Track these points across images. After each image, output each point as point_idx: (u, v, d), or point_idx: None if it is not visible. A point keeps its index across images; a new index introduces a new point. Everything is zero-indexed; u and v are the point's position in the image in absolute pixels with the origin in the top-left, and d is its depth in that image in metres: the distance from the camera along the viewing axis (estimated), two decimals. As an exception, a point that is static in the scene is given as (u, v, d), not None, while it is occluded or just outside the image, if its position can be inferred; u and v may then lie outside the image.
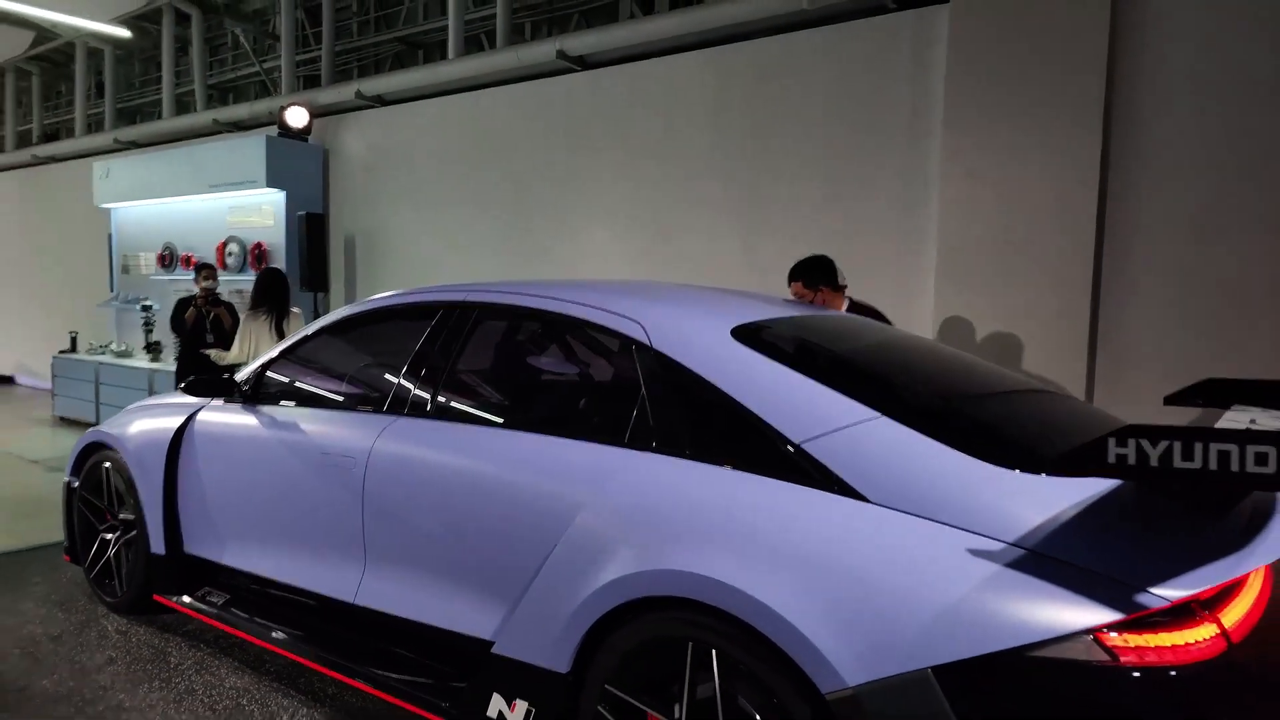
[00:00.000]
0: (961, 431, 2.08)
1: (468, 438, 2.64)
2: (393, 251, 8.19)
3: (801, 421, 2.09)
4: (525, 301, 2.76)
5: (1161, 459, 1.54)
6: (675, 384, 2.31)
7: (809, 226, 5.66)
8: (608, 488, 2.24)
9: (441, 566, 2.62)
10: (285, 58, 9.14)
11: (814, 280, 4.09)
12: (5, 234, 13.40)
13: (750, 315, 2.56)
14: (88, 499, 3.84)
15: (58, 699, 2.93)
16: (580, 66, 6.83)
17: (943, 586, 1.74)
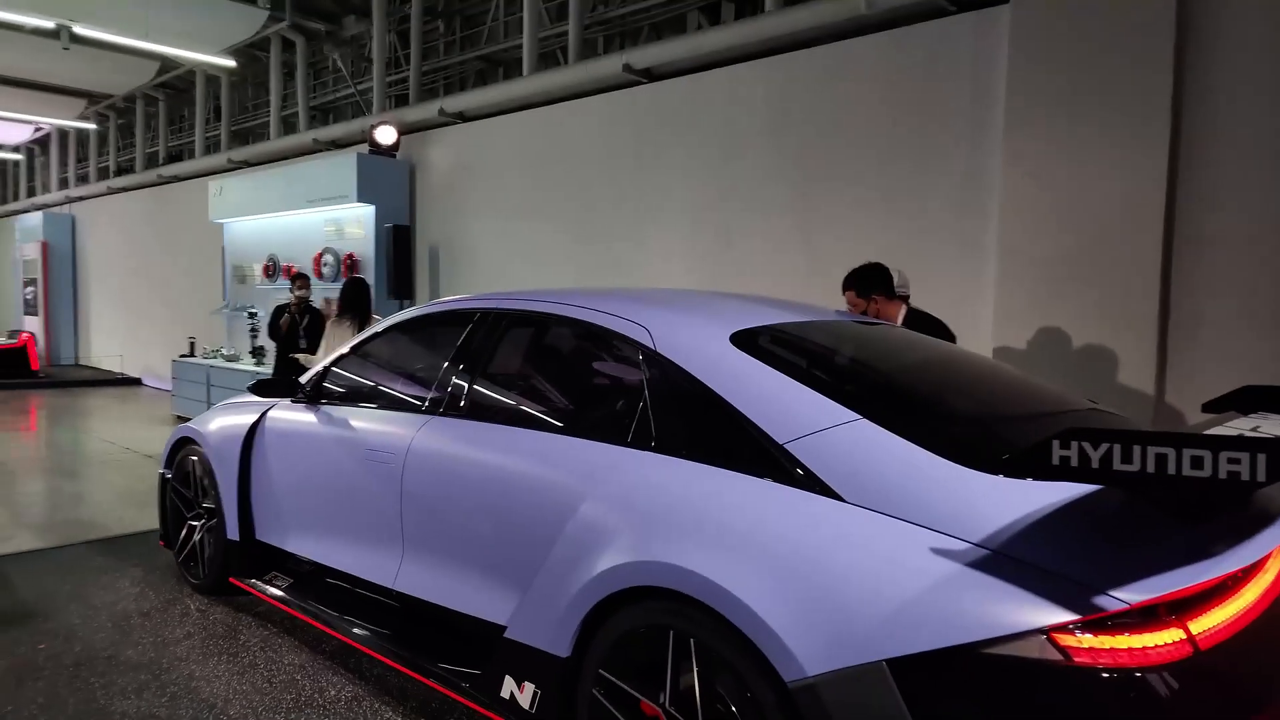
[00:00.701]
0: (938, 434, 2.12)
1: (490, 436, 2.82)
2: (472, 261, 8.55)
3: (786, 423, 2.17)
4: (543, 308, 2.93)
5: (1102, 461, 1.57)
6: (675, 386, 2.42)
7: (870, 231, 5.64)
8: (607, 484, 2.38)
9: (465, 555, 2.80)
10: (377, 78, 9.67)
11: (866, 289, 4.03)
12: (136, 248, 14.59)
13: (753, 321, 2.65)
14: (177, 489, 4.22)
15: (139, 666, 3.27)
16: (646, 79, 7.00)
17: (904, 583, 1.79)
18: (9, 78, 12.48)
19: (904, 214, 5.51)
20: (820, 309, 3.33)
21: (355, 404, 3.46)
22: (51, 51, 10.16)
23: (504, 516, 2.66)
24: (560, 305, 2.87)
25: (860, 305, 4.04)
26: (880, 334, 3.09)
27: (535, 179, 7.86)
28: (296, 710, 2.96)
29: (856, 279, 4.09)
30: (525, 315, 3.02)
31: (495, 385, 2.99)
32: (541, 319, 2.98)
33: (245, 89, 12.80)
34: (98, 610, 3.84)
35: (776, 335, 2.65)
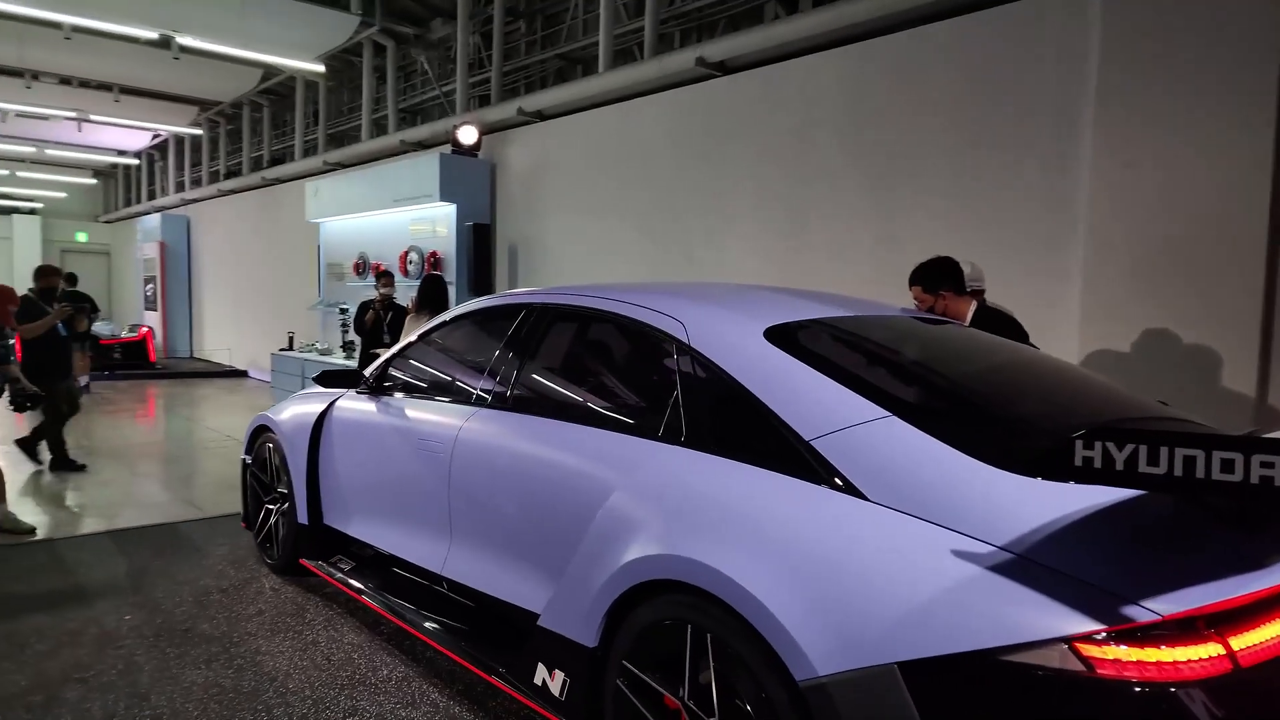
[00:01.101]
0: (975, 434, 2.04)
1: (529, 428, 2.87)
2: (549, 257, 8.67)
3: (813, 419, 2.13)
4: (584, 303, 2.96)
5: (1127, 463, 1.48)
6: (707, 380, 2.41)
7: (949, 225, 5.46)
8: (635, 477, 2.38)
9: (505, 543, 2.86)
10: (460, 79, 9.91)
11: (934, 284, 3.84)
12: (243, 247, 15.41)
13: (792, 316, 2.60)
14: (256, 474, 4.45)
15: (212, 639, 3.46)
16: (720, 72, 6.95)
17: (921, 586, 1.74)
18: (130, 87, 13.37)
19: (985, 207, 5.30)
20: (879, 305, 3.24)
21: (412, 395, 3.57)
22: (164, 62, 10.84)
23: (540, 507, 2.70)
24: (600, 300, 2.89)
25: (927, 301, 3.87)
26: (933, 331, 2.99)
27: (610, 176, 7.92)
28: (350, 687, 3.08)
29: (923, 273, 3.92)
30: (567, 310, 3.05)
31: (536, 378, 3.03)
32: (582, 313, 3.00)
33: (342, 93, 13.33)
34: (181, 585, 4.08)
35: (815, 330, 2.59)
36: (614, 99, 7.87)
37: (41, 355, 6.55)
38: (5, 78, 12.31)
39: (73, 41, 9.82)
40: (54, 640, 3.42)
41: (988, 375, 2.57)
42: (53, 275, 6.92)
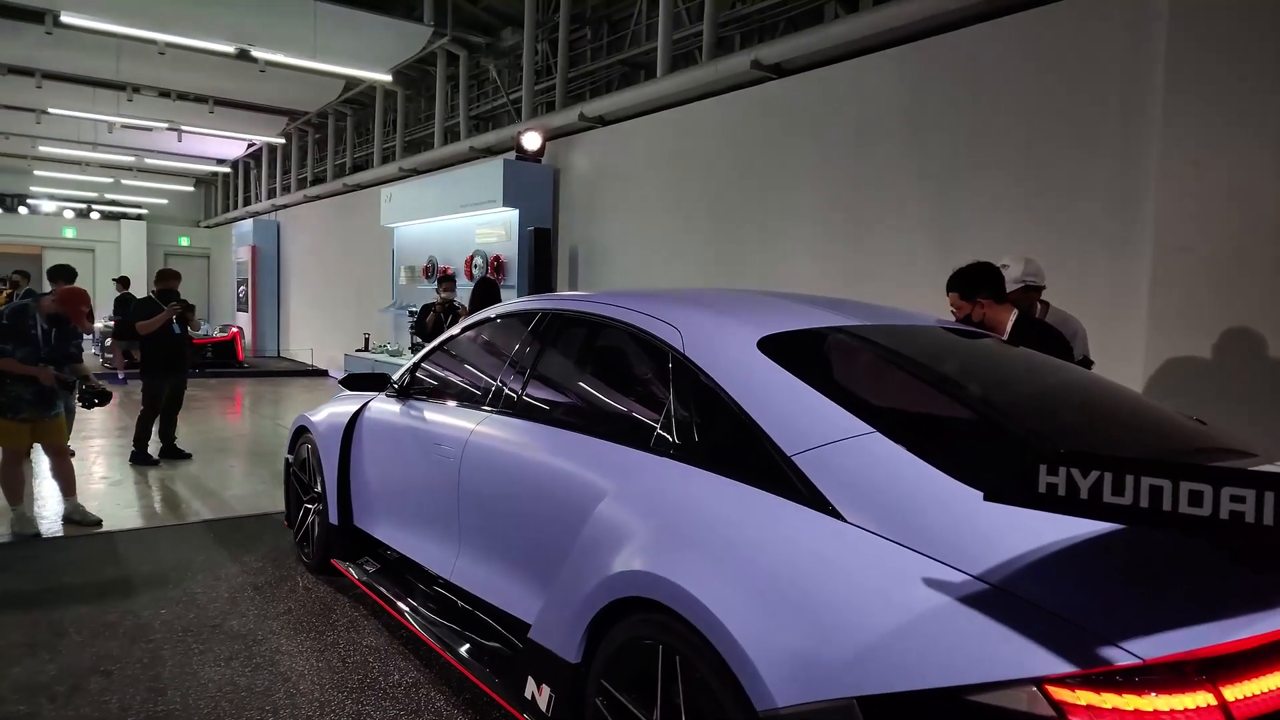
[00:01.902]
0: (965, 455, 1.89)
1: (530, 435, 2.83)
2: (608, 261, 8.67)
3: (796, 434, 2.02)
4: (589, 309, 2.90)
5: (1091, 492, 1.33)
6: (697, 390, 2.32)
7: (1010, 228, 5.20)
8: (623, 490, 2.31)
9: (505, 551, 2.83)
10: (526, 86, 10.02)
11: (972, 290, 3.61)
12: (325, 251, 15.97)
13: (793, 324, 2.49)
14: (296, 474, 4.55)
15: (237, 637, 3.54)
16: (776, 74, 6.82)
17: (888, 615, 1.61)
18: (223, 99, 14.03)
19: (1047, 209, 5.02)
20: (909, 314, 3.07)
21: (434, 399, 3.58)
22: (252, 75, 11.33)
23: (535, 516, 2.66)
24: (603, 306, 2.83)
25: (964, 309, 3.64)
26: (951, 343, 2.81)
27: (668, 180, 7.86)
28: (359, 691, 3.09)
29: (961, 279, 3.68)
30: (573, 316, 3.00)
31: (541, 385, 2.99)
32: (588, 320, 2.94)
33: (419, 102, 13.67)
34: (220, 581, 4.20)
35: (816, 340, 2.47)
36: (672, 103, 7.82)
37: (154, 350, 7.05)
38: (109, 91, 13.07)
39: (167, 56, 10.36)
40: (91, 631, 3.56)
41: (996, 393, 2.39)
42: (171, 279, 7.34)
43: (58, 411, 5.14)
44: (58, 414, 5.14)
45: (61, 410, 5.22)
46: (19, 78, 12.30)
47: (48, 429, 5.09)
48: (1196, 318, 4.31)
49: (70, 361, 5.16)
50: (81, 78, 12.49)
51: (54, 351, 5.03)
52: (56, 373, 4.98)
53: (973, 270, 3.66)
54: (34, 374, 4.87)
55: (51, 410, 5.07)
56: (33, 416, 4.96)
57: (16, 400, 4.88)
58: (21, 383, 4.88)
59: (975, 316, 3.60)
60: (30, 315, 4.97)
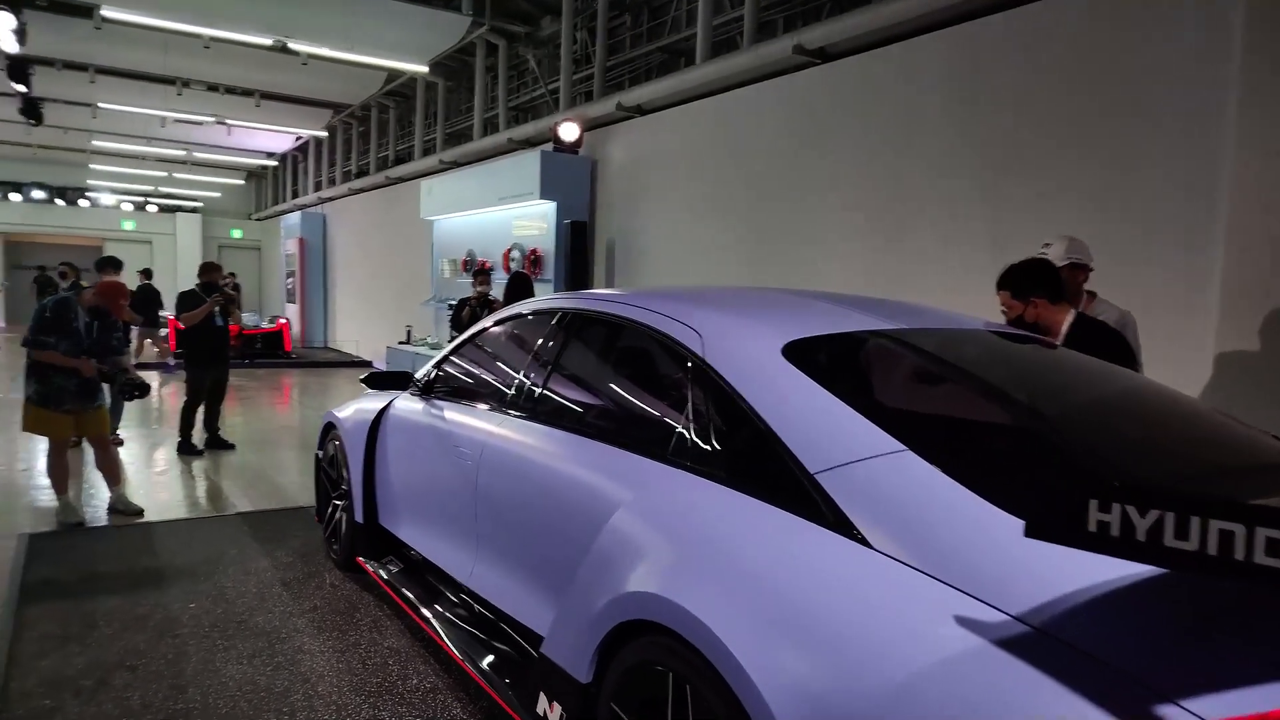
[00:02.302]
0: (1007, 478, 1.75)
1: (545, 439, 2.73)
2: (645, 254, 8.55)
3: (820, 450, 1.89)
4: (609, 309, 2.79)
5: (1150, 533, 1.18)
6: (717, 398, 2.20)
7: (1067, 222, 4.91)
8: (634, 503, 2.20)
9: (519, 558, 2.75)
10: (563, 75, 9.92)
11: (1024, 290, 3.38)
12: (369, 244, 16.12)
13: (823, 328, 2.35)
14: (325, 470, 4.54)
15: (261, 634, 3.52)
16: (819, 59, 6.61)
17: (914, 656, 1.48)
18: (268, 92, 14.20)
19: (1109, 200, 4.75)
20: (955, 316, 2.89)
21: (454, 399, 3.51)
22: (295, 68, 11.42)
23: (549, 525, 2.57)
24: (622, 306, 2.72)
25: (1016, 309, 3.42)
26: (999, 349, 2.64)
27: (707, 170, 7.71)
28: (377, 695, 3.04)
29: (1014, 276, 3.45)
30: (592, 316, 2.90)
31: (557, 387, 2.90)
32: (606, 320, 2.83)
33: (460, 94, 13.67)
34: (249, 576, 4.21)
35: (848, 346, 2.33)
36: (711, 91, 7.65)
37: (196, 342, 7.17)
38: (160, 86, 13.30)
39: (212, 50, 10.48)
40: (121, 624, 3.57)
41: (1047, 407, 2.22)
42: (214, 271, 7.45)
43: (100, 403, 5.21)
44: (100, 405, 5.21)
45: (104, 402, 5.29)
46: (74, 73, 12.58)
47: (90, 420, 5.16)
48: (1271, 316, 4.05)
49: (111, 354, 5.23)
50: (132, 72, 12.73)
51: (95, 344, 5.09)
52: (98, 365, 5.05)
53: (1027, 267, 3.45)
54: (76, 366, 4.94)
55: (94, 402, 5.14)
56: (75, 408, 5.03)
57: (60, 392, 4.95)
58: (64, 374, 4.95)
59: (1028, 317, 3.38)
60: (72, 308, 5.04)
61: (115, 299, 5.22)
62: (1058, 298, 3.39)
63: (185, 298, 7.20)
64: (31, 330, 4.96)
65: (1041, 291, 3.36)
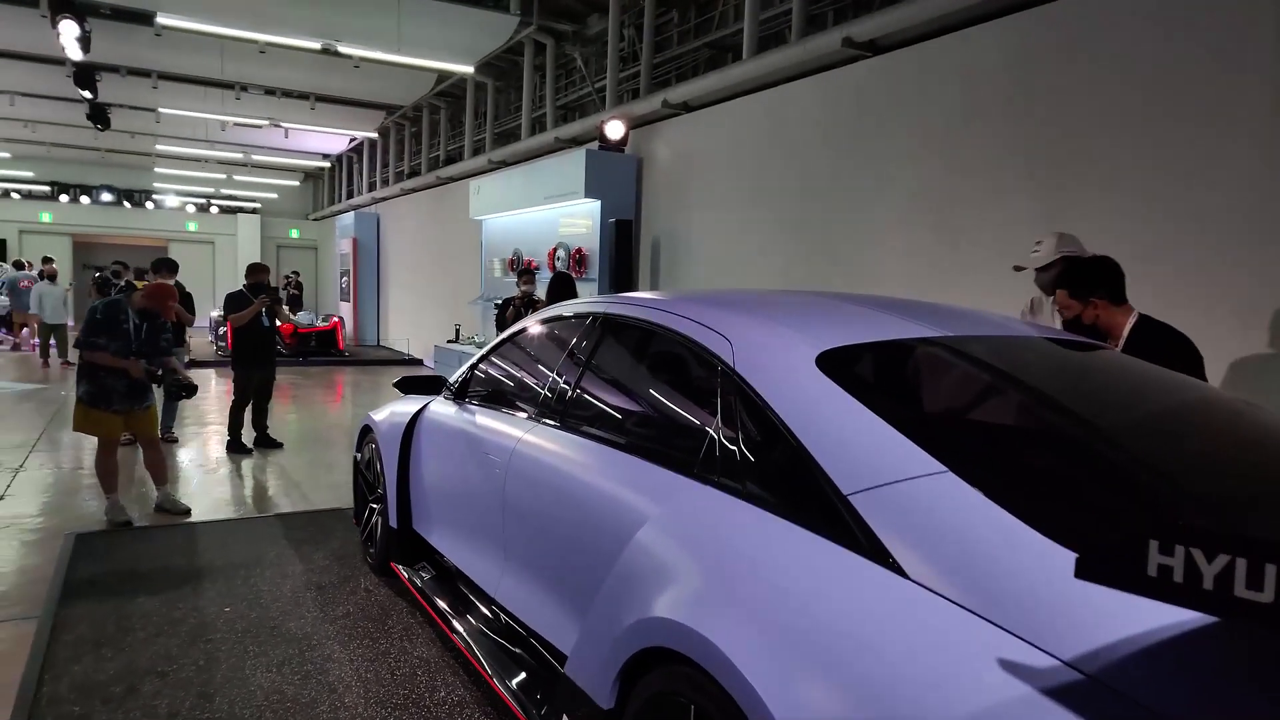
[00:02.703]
0: (1057, 503, 1.59)
1: (574, 449, 2.64)
2: (690, 253, 8.41)
3: (854, 469, 1.75)
4: (639, 313, 2.68)
5: (1218, 582, 1.03)
6: (747, 410, 2.07)
7: (1133, 223, 4.67)
8: (659, 521, 2.09)
9: (546, 573, 2.65)
10: (610, 73, 9.83)
11: (1084, 289, 3.19)
12: (420, 243, 16.27)
13: (861, 336, 2.20)
14: (362, 473, 4.51)
15: (293, 640, 3.50)
16: (870, 52, 6.40)
17: (953, 704, 1.34)
18: (323, 95, 14.42)
19: (1179, 199, 4.47)
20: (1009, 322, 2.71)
21: (486, 404, 3.44)
22: (347, 70, 11.55)
23: (574, 539, 2.47)
24: (653, 311, 2.61)
25: (1074, 309, 3.23)
26: (1059, 357, 2.45)
27: (754, 168, 7.54)
28: (403, 708, 2.98)
29: (1072, 274, 3.26)
30: (624, 321, 2.79)
31: (586, 394, 2.80)
32: (637, 325, 2.72)
33: (509, 93, 13.69)
34: (286, 579, 4.20)
35: (887, 356, 2.18)
36: (758, 87, 7.48)
37: (244, 342, 7.28)
38: (219, 90, 13.61)
39: (267, 55, 10.66)
40: (155, 627, 3.59)
41: (1108, 423, 2.03)
42: (261, 272, 7.52)
43: (149, 403, 5.29)
44: (149, 406, 5.29)
45: (153, 402, 5.36)
46: (137, 79, 12.94)
47: (140, 420, 5.24)
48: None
49: (160, 355, 5.29)
50: (192, 78, 13.04)
51: (144, 345, 5.16)
52: (147, 366, 5.11)
53: (1087, 265, 3.26)
54: (124, 366, 5.01)
55: (144, 402, 5.22)
56: (125, 408, 5.11)
57: (109, 392, 5.03)
58: (114, 375, 5.03)
59: (1086, 319, 3.20)
60: (123, 309, 5.12)
61: (163, 301, 5.29)
62: (1120, 298, 3.19)
63: (233, 298, 7.30)
64: (83, 331, 5.05)
65: (1103, 291, 3.17)
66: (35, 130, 17.64)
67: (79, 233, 23.33)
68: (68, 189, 23.13)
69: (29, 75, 13.06)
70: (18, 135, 18.22)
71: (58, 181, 22.97)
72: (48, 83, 13.10)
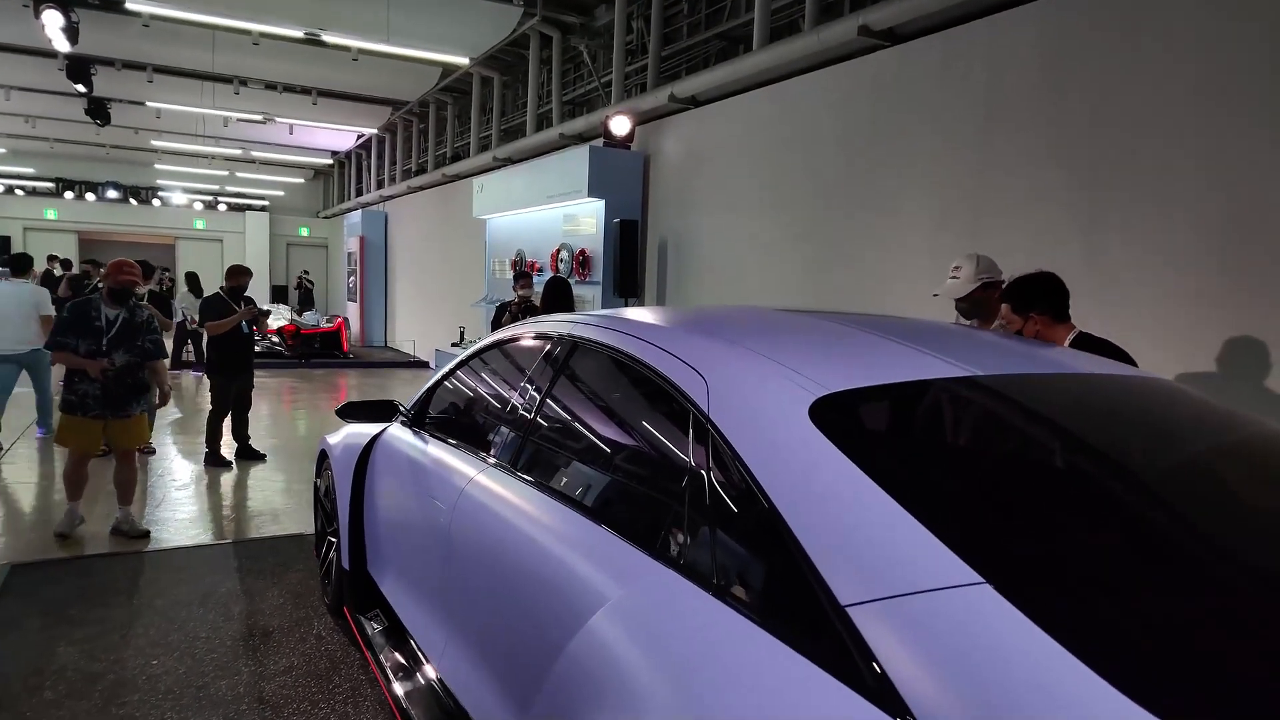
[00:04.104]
0: (1130, 636, 1.11)
1: (525, 502, 2.17)
2: (699, 255, 7.94)
3: (856, 570, 1.28)
4: (605, 338, 2.22)
5: None
6: (721, 472, 1.60)
7: (1182, 230, 4.16)
8: (610, 611, 1.63)
9: (490, 650, 2.19)
10: (616, 66, 9.37)
11: (1025, 304, 3.05)
12: (425, 242, 15.90)
13: (864, 376, 1.72)
14: (321, 502, 4.08)
15: (219, 703, 3.06)
16: (888, 41, 5.89)
17: None
18: (325, 90, 14.06)
19: (1234, 200, 3.95)
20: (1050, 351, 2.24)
21: (440, 435, 2.99)
22: (346, 63, 11.17)
23: (520, 611, 2.02)
24: (623, 336, 2.14)
25: (1015, 323, 3.08)
26: (1126, 404, 1.95)
27: (766, 165, 7.05)
28: (331, 796, 2.54)
29: (1017, 288, 3.11)
30: (592, 346, 2.31)
31: (544, 435, 2.34)
32: (605, 353, 2.24)
33: (516, 88, 13.27)
34: (230, 622, 3.78)
35: (901, 403, 1.71)
36: (770, 79, 6.99)
37: (221, 350, 6.81)
38: (220, 84, 13.26)
39: (262, 47, 10.28)
40: (68, 686, 3.15)
41: (1209, 505, 1.54)
42: (243, 275, 7.04)
43: (129, 413, 4.84)
44: (129, 416, 4.84)
45: (137, 412, 4.91)
46: (133, 72, 12.60)
47: (119, 430, 4.83)
48: None
49: (142, 353, 4.86)
50: (189, 71, 12.68)
51: (115, 341, 4.72)
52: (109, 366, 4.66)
53: (1032, 280, 3.10)
54: (84, 366, 4.61)
55: (123, 410, 4.79)
56: (102, 414, 4.71)
57: (84, 396, 4.68)
58: (89, 379, 4.65)
59: (1027, 333, 3.05)
60: (94, 306, 4.77)
61: (119, 275, 4.84)
62: (1062, 316, 3.07)
63: (210, 304, 6.88)
64: (51, 331, 4.71)
65: (1044, 306, 3.05)
66: (35, 125, 17.40)
67: (85, 230, 23.12)
68: (72, 185, 22.92)
69: (21, 68, 12.74)
70: (19, 131, 18.00)
71: (62, 178, 22.77)
72: (42, 77, 12.78)
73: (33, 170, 22.20)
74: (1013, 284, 3.14)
